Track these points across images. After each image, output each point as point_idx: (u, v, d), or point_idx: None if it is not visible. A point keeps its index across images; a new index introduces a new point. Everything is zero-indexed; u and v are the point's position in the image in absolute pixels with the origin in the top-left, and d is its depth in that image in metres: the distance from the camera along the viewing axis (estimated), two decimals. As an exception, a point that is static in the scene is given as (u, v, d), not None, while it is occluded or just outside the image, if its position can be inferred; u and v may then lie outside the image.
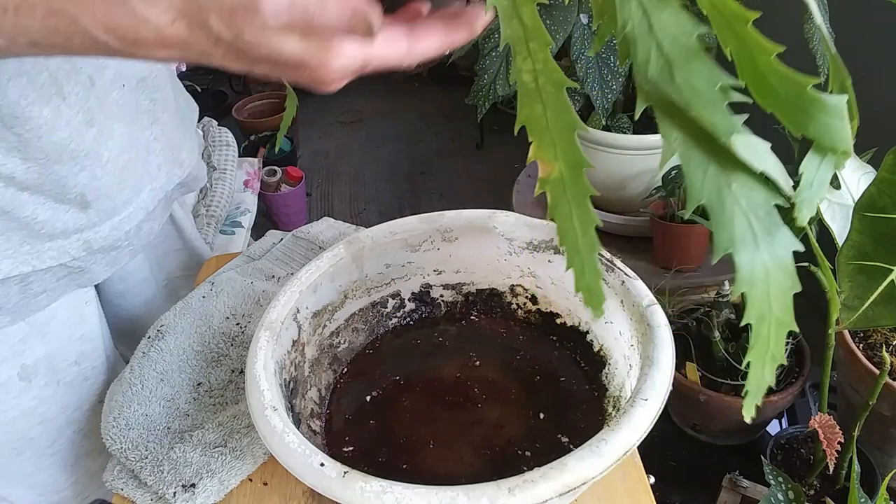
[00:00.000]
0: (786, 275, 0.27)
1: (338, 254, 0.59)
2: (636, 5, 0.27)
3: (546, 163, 0.29)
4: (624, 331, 0.55)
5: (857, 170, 0.70)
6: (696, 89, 0.26)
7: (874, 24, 1.09)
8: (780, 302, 0.27)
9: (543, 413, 0.57)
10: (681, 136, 0.27)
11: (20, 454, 0.66)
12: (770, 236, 0.27)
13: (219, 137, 1.73)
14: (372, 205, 2.32)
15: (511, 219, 0.61)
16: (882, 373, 0.69)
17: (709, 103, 0.26)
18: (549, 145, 0.29)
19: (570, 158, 0.29)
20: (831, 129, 0.27)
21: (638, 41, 0.27)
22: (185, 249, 0.87)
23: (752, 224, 0.27)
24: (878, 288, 0.57)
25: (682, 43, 0.27)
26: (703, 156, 0.27)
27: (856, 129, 0.32)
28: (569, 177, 0.29)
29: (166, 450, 0.55)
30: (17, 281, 0.58)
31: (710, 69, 0.27)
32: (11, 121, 0.51)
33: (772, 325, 0.27)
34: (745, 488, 0.87)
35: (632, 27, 0.27)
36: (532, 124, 0.29)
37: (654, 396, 0.43)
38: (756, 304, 0.27)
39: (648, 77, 0.27)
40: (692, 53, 0.27)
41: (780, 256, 0.27)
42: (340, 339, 0.63)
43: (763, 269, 0.27)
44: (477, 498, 0.38)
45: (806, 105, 0.26)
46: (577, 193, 0.29)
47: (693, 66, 0.27)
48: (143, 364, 0.63)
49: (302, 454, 0.41)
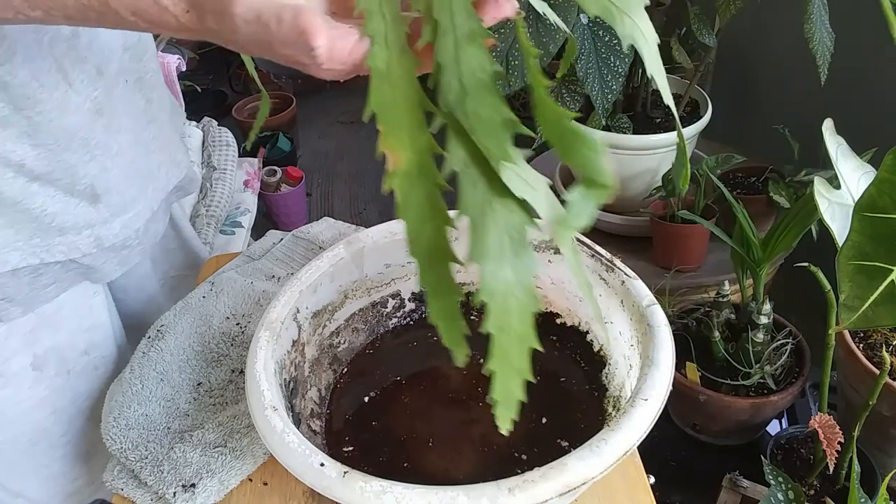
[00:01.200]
0: (526, 293, 0.29)
1: (338, 254, 0.59)
2: (451, 38, 0.30)
3: (394, 152, 0.29)
4: (624, 331, 0.55)
5: (857, 170, 0.70)
6: (481, 117, 0.29)
7: (874, 24, 1.09)
8: (520, 317, 0.29)
9: (543, 413, 0.57)
10: (464, 155, 0.30)
11: (35, 445, 0.67)
12: (517, 257, 0.29)
13: (219, 137, 1.73)
14: (372, 205, 2.32)
15: (511, 219, 0.61)
16: (882, 373, 0.69)
17: (488, 130, 0.29)
18: (398, 131, 0.30)
19: (418, 144, 0.30)
20: (590, 161, 0.29)
21: (446, 69, 0.30)
22: (182, 248, 0.88)
23: (503, 242, 0.29)
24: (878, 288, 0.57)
25: (478, 77, 0.30)
26: (478, 175, 0.29)
27: (688, 177, 0.37)
28: (417, 167, 0.29)
29: (166, 450, 0.55)
30: (27, 272, 0.58)
31: (497, 103, 0.29)
32: (23, 101, 0.52)
33: (512, 338, 0.29)
34: (745, 488, 0.87)
35: (443, 56, 0.30)
36: (382, 110, 0.30)
37: (654, 396, 0.43)
38: (495, 314, 0.29)
39: (448, 102, 0.30)
40: (485, 87, 0.30)
41: (523, 275, 0.29)
42: (340, 339, 0.63)
43: (505, 283, 0.29)
44: (477, 498, 0.38)
45: (569, 137, 0.29)
46: (427, 186, 0.29)
47: (483, 97, 0.29)
48: (143, 364, 0.63)
49: (302, 454, 0.41)
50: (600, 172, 0.29)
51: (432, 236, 0.29)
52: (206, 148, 1.71)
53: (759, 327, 0.91)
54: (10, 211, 0.55)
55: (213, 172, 1.68)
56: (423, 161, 0.29)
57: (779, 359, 0.94)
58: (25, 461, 0.67)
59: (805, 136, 1.08)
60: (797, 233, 0.85)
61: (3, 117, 0.51)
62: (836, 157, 0.69)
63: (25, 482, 0.69)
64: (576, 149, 0.29)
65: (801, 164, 1.11)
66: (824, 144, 0.69)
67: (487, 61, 0.30)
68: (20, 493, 0.69)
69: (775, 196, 1.07)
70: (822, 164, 1.04)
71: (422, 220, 0.29)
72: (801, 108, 1.29)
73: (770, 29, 1.32)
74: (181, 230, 0.86)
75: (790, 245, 0.87)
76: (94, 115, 0.58)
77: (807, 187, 1.05)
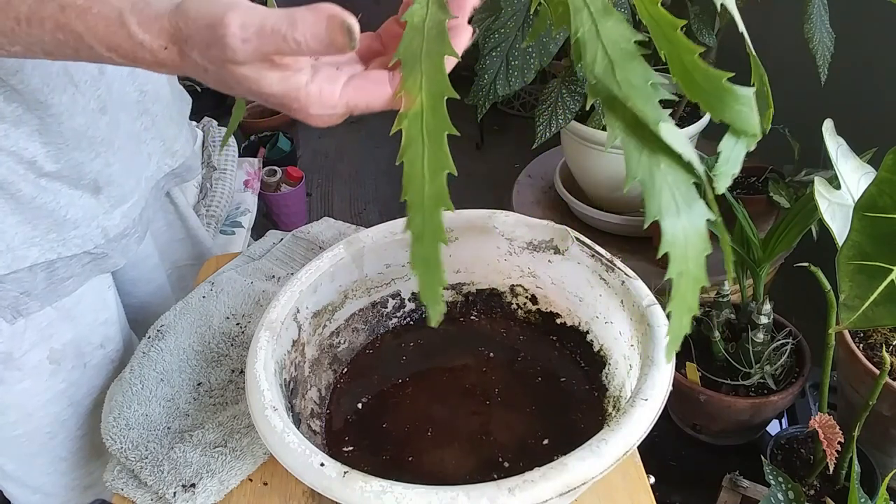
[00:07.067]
0: (700, 238, 0.32)
1: (338, 254, 0.59)
2: (587, 15, 0.32)
3: (409, 95, 0.31)
4: (624, 331, 0.55)
5: (857, 170, 0.70)
6: (633, 84, 0.31)
7: (874, 24, 1.09)
8: (696, 261, 0.32)
9: (543, 413, 0.57)
10: (621, 124, 0.32)
11: (53, 438, 0.68)
12: (689, 207, 0.32)
13: (219, 137, 1.73)
14: (372, 205, 2.31)
15: (511, 219, 0.61)
16: (882, 373, 0.69)
17: (642, 96, 0.31)
18: (417, 76, 0.31)
19: (434, 88, 0.31)
20: (742, 115, 0.32)
21: (587, 44, 0.32)
22: (189, 238, 0.89)
23: (675, 197, 0.32)
24: (878, 288, 0.57)
25: (622, 47, 0.32)
26: (639, 141, 0.32)
27: (770, 116, 0.39)
28: (429, 108, 0.31)
29: (166, 450, 0.55)
30: (42, 268, 0.60)
31: (645, 68, 0.32)
32: (36, 104, 0.54)
33: (689, 280, 0.32)
34: (745, 488, 0.87)
35: (583, 33, 0.32)
36: (407, 56, 0.32)
37: (654, 396, 0.43)
38: (677, 261, 0.31)
39: (595, 74, 0.32)
40: (630, 55, 0.32)
41: (697, 224, 0.32)
42: (340, 339, 0.63)
43: (683, 233, 0.31)
44: (477, 498, 0.38)
45: (721, 95, 0.32)
46: (435, 128, 0.31)
47: (631, 66, 0.32)
48: (143, 364, 0.63)
49: (302, 454, 0.41)
50: (752, 124, 0.32)
51: (431, 180, 0.30)
52: (206, 148, 1.71)
53: (759, 327, 0.91)
54: (27, 208, 0.57)
55: (213, 172, 1.67)
56: (435, 104, 0.31)
57: (779, 359, 0.94)
58: (44, 454, 0.69)
59: (805, 136, 1.08)
60: (797, 233, 0.85)
61: (17, 116, 0.53)
62: (836, 157, 0.69)
63: (44, 476, 0.70)
64: (728, 104, 0.32)
65: (801, 164, 1.11)
66: (824, 144, 0.69)
67: (628, 31, 0.32)
68: (38, 489, 0.71)
69: (775, 196, 1.07)
70: (822, 164, 1.04)
71: (420, 161, 0.31)
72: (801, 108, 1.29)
73: (770, 29, 1.32)
74: (186, 219, 0.88)
75: (790, 245, 0.87)
76: (98, 114, 0.60)
77: (807, 187, 1.05)
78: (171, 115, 0.74)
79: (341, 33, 0.30)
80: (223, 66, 0.32)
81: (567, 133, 1.17)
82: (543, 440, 0.55)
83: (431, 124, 0.31)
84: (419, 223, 0.30)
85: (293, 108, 0.34)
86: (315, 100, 0.34)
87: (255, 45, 0.31)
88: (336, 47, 0.31)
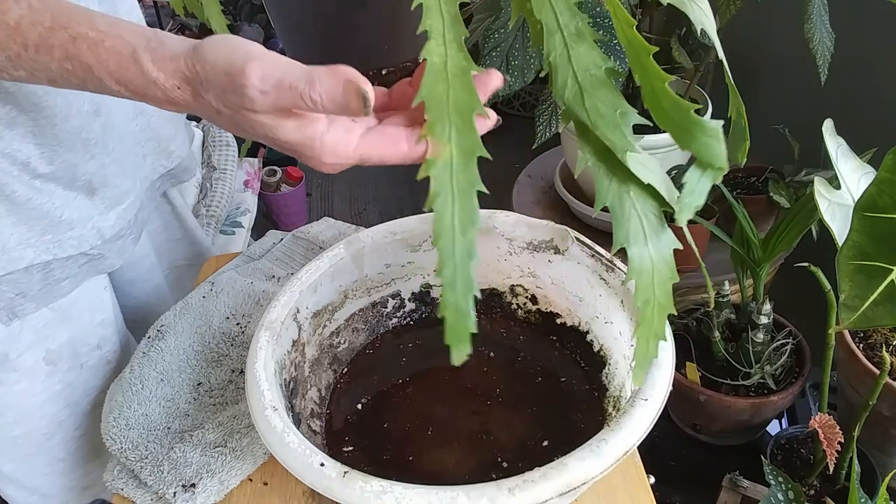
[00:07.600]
0: (667, 267, 0.32)
1: (338, 254, 0.59)
2: (559, 39, 0.31)
3: (437, 142, 0.30)
4: (624, 331, 0.55)
5: (857, 170, 0.70)
6: (601, 113, 0.31)
7: (874, 24, 1.09)
8: (662, 289, 0.32)
9: (543, 413, 0.57)
10: (592, 150, 0.32)
11: (50, 439, 0.68)
12: (657, 236, 0.32)
13: (219, 137, 1.73)
14: (372, 205, 2.31)
15: (511, 219, 0.61)
16: (882, 373, 0.69)
17: (610, 125, 0.31)
18: (445, 124, 0.30)
19: (465, 144, 0.31)
20: (709, 147, 0.31)
21: (559, 70, 0.31)
22: (186, 238, 0.89)
23: (643, 225, 0.32)
24: (878, 288, 0.57)
25: (592, 73, 0.31)
26: (608, 168, 0.32)
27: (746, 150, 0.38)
28: (460, 163, 0.30)
29: (166, 450, 0.55)
30: (38, 269, 0.60)
31: (614, 96, 0.31)
32: (30, 106, 0.53)
33: (656, 308, 0.32)
34: (745, 488, 0.87)
35: (555, 57, 0.32)
36: (432, 101, 0.31)
37: (654, 396, 0.43)
38: (644, 289, 0.32)
39: (565, 100, 0.32)
40: (600, 83, 0.31)
41: (664, 252, 0.32)
42: (340, 339, 0.63)
43: (650, 261, 0.32)
44: (477, 498, 0.38)
45: (688, 126, 0.31)
46: (465, 184, 0.30)
47: (600, 94, 0.31)
48: (143, 364, 0.63)
49: (302, 454, 0.41)
50: (718, 157, 0.32)
51: (461, 234, 0.30)
52: (206, 148, 1.71)
53: (759, 327, 0.91)
54: (22, 209, 0.57)
55: (213, 172, 1.67)
56: (467, 160, 0.30)
57: (779, 359, 0.94)
58: (41, 455, 0.69)
59: (805, 136, 1.08)
60: (797, 233, 0.85)
61: (11, 118, 0.53)
62: (836, 157, 0.69)
63: (41, 477, 0.70)
64: (695, 136, 0.31)
65: (801, 164, 1.11)
66: (824, 144, 0.69)
67: (599, 58, 0.32)
68: (36, 490, 0.71)
69: (775, 196, 1.07)
70: (822, 164, 1.04)
71: (449, 214, 0.30)
72: (801, 108, 1.29)
73: (770, 29, 1.32)
74: (184, 220, 0.88)
75: (790, 245, 0.87)
76: (92, 115, 0.59)
77: (807, 187, 1.05)
78: (167, 115, 0.74)
79: (356, 99, 0.31)
80: (238, 112, 0.33)
81: (567, 133, 1.17)
82: (543, 440, 0.55)
83: (463, 181, 0.30)
84: (451, 273, 0.30)
85: (307, 155, 0.35)
86: (330, 150, 0.34)
87: (274, 98, 0.32)
88: (350, 111, 0.31)
